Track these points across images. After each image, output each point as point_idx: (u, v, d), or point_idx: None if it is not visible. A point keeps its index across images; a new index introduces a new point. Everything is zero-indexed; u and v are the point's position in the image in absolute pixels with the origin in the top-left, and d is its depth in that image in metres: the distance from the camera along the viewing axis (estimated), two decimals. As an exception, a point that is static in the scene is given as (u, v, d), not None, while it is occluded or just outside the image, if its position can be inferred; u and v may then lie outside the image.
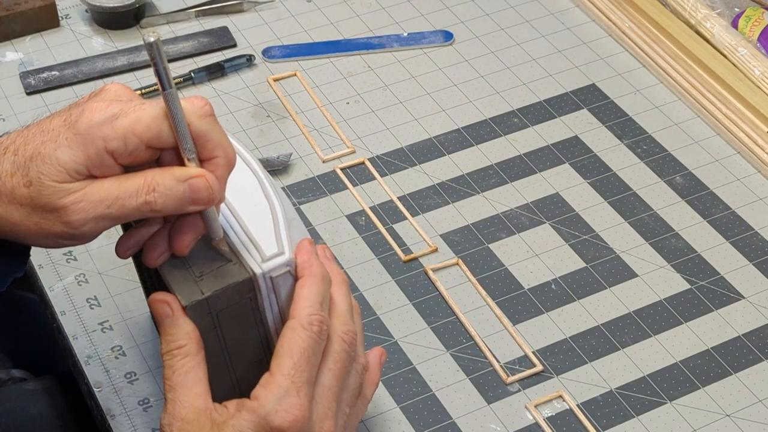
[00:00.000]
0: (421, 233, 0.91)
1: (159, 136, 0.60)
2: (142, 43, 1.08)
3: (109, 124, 0.59)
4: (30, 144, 0.61)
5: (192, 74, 1.04)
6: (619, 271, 0.88)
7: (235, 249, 0.64)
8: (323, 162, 0.97)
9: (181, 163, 0.61)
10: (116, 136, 0.59)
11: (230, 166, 0.62)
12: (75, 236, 0.61)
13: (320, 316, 0.64)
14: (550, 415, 0.79)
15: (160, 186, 0.60)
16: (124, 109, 0.60)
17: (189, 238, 0.63)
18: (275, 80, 1.05)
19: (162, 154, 0.62)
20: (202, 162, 0.61)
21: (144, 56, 1.06)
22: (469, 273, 0.88)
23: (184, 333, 0.62)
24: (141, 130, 0.59)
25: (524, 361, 0.82)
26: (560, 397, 0.79)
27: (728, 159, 0.98)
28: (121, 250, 0.65)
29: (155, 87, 1.02)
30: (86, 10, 1.11)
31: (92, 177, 0.60)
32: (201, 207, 0.62)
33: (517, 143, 0.99)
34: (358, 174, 0.96)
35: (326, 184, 0.95)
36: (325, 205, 0.93)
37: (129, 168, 0.62)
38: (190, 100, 0.61)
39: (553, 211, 0.93)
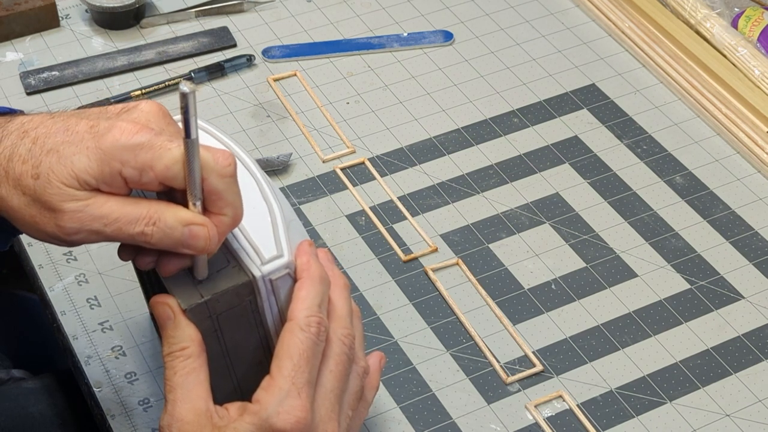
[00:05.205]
0: (421, 233, 0.91)
1: (175, 179, 0.60)
2: (142, 42, 1.08)
3: (132, 152, 0.59)
4: (51, 138, 0.61)
5: (192, 74, 1.04)
6: (619, 271, 0.88)
7: (235, 252, 0.64)
8: (323, 162, 0.97)
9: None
10: (135, 165, 0.59)
11: (235, 225, 0.62)
12: (64, 241, 0.61)
13: (318, 317, 0.64)
14: (550, 415, 0.79)
15: (161, 222, 0.60)
16: (151, 142, 0.59)
17: (174, 267, 0.63)
18: (275, 80, 1.05)
19: (173, 189, 0.62)
20: (209, 213, 0.61)
21: (144, 56, 1.06)
22: (469, 273, 0.88)
23: (187, 335, 0.62)
24: (160, 168, 0.59)
25: (524, 361, 0.82)
26: (560, 397, 0.80)
27: (728, 159, 0.98)
28: (122, 254, 0.65)
29: (155, 87, 1.02)
30: (86, 10, 1.11)
31: (99, 190, 0.61)
32: (193, 253, 0.61)
33: (517, 143, 0.99)
34: (358, 174, 0.96)
35: (326, 184, 0.95)
36: (325, 205, 0.93)
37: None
38: (216, 157, 0.60)
39: (553, 211, 0.93)
